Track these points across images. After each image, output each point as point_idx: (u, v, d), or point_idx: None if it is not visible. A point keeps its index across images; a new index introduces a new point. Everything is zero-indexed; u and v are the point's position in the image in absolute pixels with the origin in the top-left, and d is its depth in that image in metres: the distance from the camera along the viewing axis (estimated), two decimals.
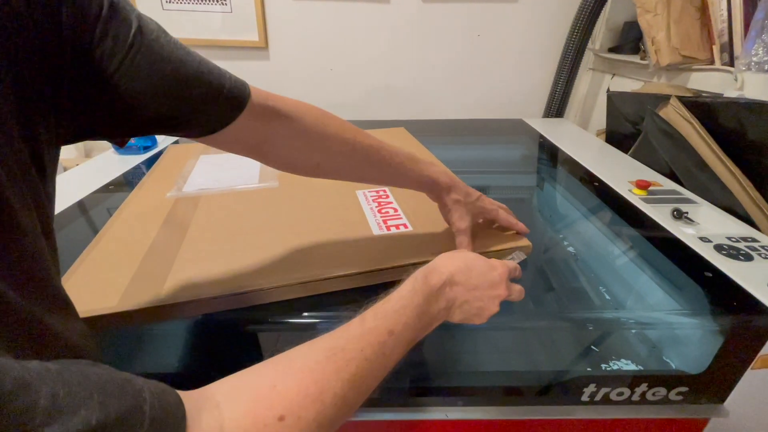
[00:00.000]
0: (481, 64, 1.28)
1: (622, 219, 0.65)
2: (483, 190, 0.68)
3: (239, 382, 0.24)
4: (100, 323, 0.40)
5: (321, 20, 1.20)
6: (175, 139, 1.02)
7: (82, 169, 0.83)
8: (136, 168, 0.84)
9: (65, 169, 0.86)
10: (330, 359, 0.26)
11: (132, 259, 0.48)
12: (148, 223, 0.56)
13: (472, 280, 0.35)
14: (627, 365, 0.53)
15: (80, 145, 1.17)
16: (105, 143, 0.91)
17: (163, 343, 0.53)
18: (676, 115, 0.69)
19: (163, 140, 1.00)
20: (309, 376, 0.25)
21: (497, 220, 0.52)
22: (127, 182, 0.78)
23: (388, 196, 0.64)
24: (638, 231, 0.62)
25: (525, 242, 0.53)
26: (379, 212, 0.59)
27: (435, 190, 0.48)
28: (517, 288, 0.39)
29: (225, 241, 0.53)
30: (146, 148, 0.93)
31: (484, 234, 0.54)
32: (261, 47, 1.22)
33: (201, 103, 0.32)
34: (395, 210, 0.60)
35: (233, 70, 0.35)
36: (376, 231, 0.55)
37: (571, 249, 0.66)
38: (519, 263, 0.43)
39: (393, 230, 0.55)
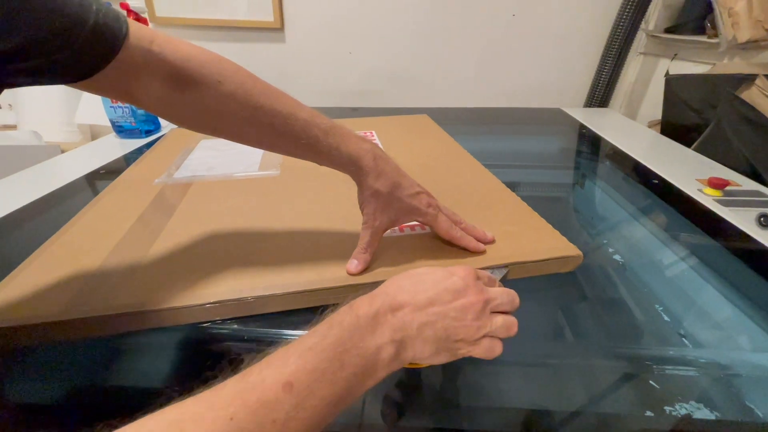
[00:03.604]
0: (516, 48, 1.16)
1: (691, 224, 0.53)
2: (514, 186, 0.58)
3: None
4: (45, 332, 0.33)
5: (340, 0, 1.11)
6: None
7: (78, 153, 0.78)
8: (135, 152, 0.78)
9: (63, 152, 0.82)
10: None
11: (94, 257, 0.41)
12: (125, 214, 0.49)
13: (422, 294, 0.26)
14: (699, 410, 0.41)
15: (86, 129, 1.13)
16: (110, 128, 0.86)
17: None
18: (763, 97, 0.56)
19: (167, 124, 0.94)
20: None
21: (433, 228, 0.42)
22: (120, 167, 0.72)
23: None
24: (712, 239, 0.50)
25: (573, 251, 0.42)
26: None
27: (354, 171, 0.38)
28: (504, 295, 0.29)
29: (206, 238, 0.45)
30: (148, 132, 0.87)
31: (511, 241, 0.43)
32: (276, 28, 1.14)
33: (55, 41, 0.26)
34: None
35: (247, 53, 0.28)
36: (387, 231, 0.45)
37: (617, 257, 0.55)
38: (499, 281, 0.33)
39: (407, 230, 0.45)
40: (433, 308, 0.26)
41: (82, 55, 0.27)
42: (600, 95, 1.11)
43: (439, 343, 0.26)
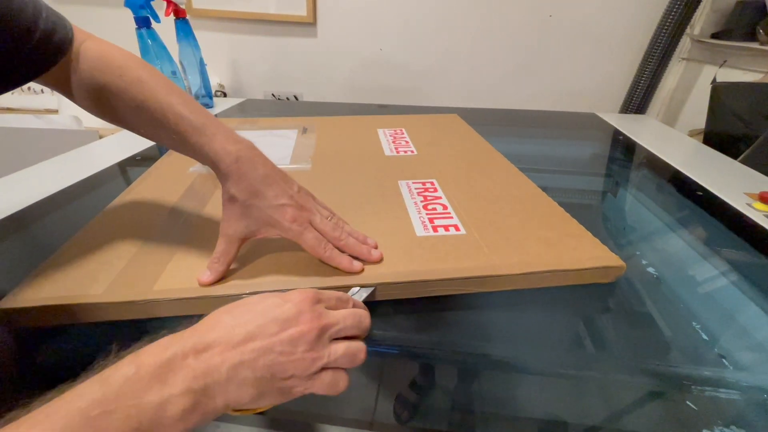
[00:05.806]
0: (551, 49, 1.13)
1: (738, 239, 0.50)
2: (545, 191, 0.56)
3: None
4: (83, 313, 0.34)
5: None
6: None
7: (115, 139, 0.80)
8: None
9: (100, 137, 0.84)
10: None
11: (132, 242, 0.41)
12: (160, 200, 0.50)
13: (240, 329, 0.23)
14: None
15: None
16: None
17: None
18: None
19: None
20: None
21: (301, 245, 0.37)
22: (154, 154, 0.73)
23: (435, 190, 0.54)
24: (761, 257, 0.47)
25: (615, 261, 0.41)
26: (424, 208, 0.49)
27: (216, 173, 0.36)
28: (348, 318, 0.26)
29: None
30: None
31: (549, 248, 0.42)
32: (309, 23, 1.15)
33: (7, 47, 0.29)
34: (444, 207, 0.49)
35: (279, 46, 0.28)
36: (420, 231, 0.44)
37: (651, 270, 0.53)
38: (362, 301, 0.31)
39: (441, 231, 0.44)
40: (252, 344, 0.22)
41: (32, 58, 0.31)
42: (637, 101, 1.07)
43: (262, 384, 0.22)
